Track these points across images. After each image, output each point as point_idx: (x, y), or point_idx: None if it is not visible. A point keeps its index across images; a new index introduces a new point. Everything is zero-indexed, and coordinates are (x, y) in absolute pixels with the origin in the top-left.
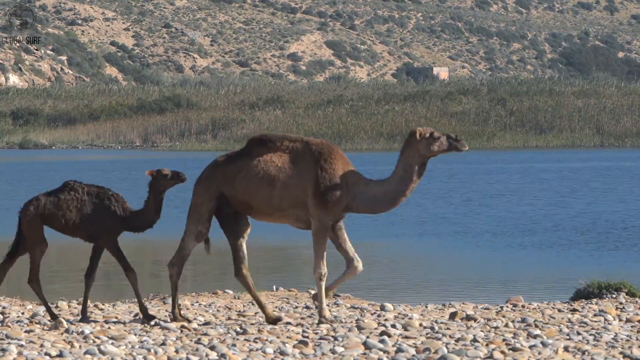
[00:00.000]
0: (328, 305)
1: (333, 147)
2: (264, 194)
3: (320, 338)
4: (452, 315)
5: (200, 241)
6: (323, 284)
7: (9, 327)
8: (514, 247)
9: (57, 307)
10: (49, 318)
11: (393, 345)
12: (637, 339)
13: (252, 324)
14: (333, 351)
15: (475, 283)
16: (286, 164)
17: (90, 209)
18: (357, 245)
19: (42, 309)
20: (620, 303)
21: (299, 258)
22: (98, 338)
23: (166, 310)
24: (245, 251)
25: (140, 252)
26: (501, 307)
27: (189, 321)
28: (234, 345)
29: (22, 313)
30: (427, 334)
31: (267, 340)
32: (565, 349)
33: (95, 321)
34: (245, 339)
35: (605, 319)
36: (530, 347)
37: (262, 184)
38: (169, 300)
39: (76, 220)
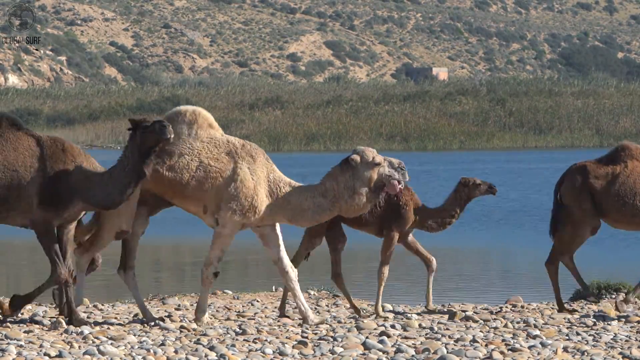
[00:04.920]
0: (327, 305)
1: None
2: None
3: (320, 338)
4: (452, 316)
5: None
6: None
7: (9, 327)
8: (513, 248)
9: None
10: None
11: (392, 346)
12: (636, 340)
13: (252, 324)
14: (332, 351)
15: (474, 283)
16: None
17: None
18: (356, 246)
19: (41, 310)
20: None
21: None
22: (97, 338)
23: (165, 311)
24: None
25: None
26: (500, 308)
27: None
28: (233, 345)
29: (22, 313)
30: (426, 334)
31: (266, 340)
32: (565, 349)
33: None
34: (244, 339)
35: (604, 320)
36: (530, 347)
37: None
38: (169, 301)
39: None
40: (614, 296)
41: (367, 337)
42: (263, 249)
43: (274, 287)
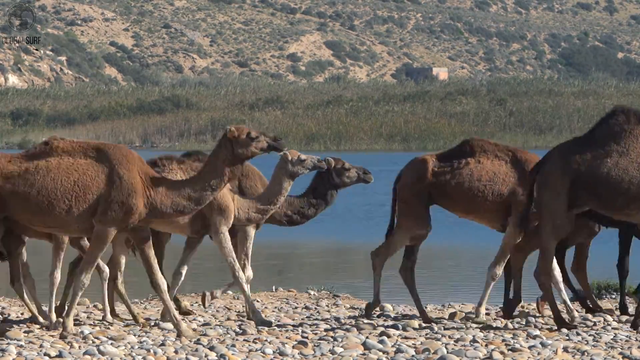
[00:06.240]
0: (328, 306)
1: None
2: None
3: (320, 338)
4: (452, 316)
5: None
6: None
7: (9, 327)
8: None
9: None
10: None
11: (392, 346)
12: (637, 340)
13: (252, 324)
14: (332, 352)
15: (474, 283)
16: None
17: None
18: (356, 246)
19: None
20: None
21: (298, 259)
22: (97, 338)
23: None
24: None
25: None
26: (501, 308)
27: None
28: (233, 345)
29: (22, 313)
30: (426, 334)
31: (266, 340)
32: (565, 349)
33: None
34: (244, 340)
35: (604, 320)
36: (530, 347)
37: None
38: None
39: None
40: (614, 296)
41: (367, 337)
42: (265, 249)
43: (274, 287)
